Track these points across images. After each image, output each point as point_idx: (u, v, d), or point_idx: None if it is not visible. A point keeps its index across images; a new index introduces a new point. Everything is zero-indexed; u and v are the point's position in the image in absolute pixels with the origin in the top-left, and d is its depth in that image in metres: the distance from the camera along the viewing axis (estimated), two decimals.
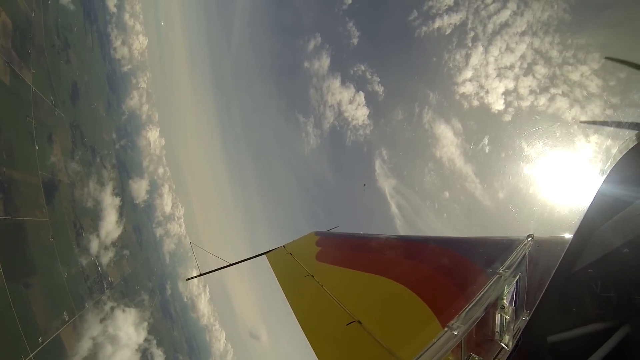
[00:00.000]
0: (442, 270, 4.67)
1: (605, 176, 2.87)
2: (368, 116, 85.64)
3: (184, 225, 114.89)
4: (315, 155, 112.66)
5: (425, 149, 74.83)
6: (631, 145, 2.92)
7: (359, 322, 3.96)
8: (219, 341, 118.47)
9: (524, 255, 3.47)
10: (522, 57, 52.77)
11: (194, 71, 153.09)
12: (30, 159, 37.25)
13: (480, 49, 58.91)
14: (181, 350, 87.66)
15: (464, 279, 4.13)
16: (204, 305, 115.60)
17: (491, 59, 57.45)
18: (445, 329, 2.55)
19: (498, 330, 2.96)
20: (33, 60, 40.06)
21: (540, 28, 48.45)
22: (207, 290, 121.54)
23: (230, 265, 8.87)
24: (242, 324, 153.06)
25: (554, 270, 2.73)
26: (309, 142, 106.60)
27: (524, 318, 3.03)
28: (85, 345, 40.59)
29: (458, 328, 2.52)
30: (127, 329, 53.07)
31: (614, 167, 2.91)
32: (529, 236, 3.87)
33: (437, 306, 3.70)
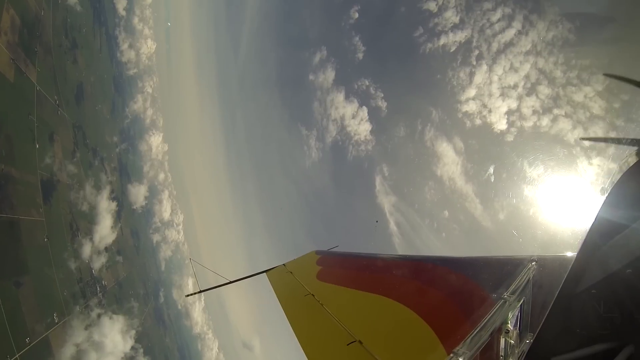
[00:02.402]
0: (445, 292, 4.60)
1: (606, 195, 2.80)
2: (370, 132, 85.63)
3: (182, 232, 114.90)
4: (316, 168, 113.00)
5: (427, 167, 74.91)
6: (631, 164, 2.87)
7: (360, 342, 3.91)
8: (211, 350, 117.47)
9: (528, 279, 3.49)
10: (526, 76, 53.01)
11: (201, 79, 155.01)
12: (30, 157, 37.15)
13: (485, 67, 59.19)
14: (173, 359, 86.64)
15: (468, 302, 4.06)
16: (198, 314, 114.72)
17: (495, 78, 57.66)
18: (451, 355, 2.57)
19: (502, 354, 2.91)
20: (39, 58, 40.32)
21: (545, 48, 48.80)
22: (202, 299, 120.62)
23: (230, 282, 9.03)
24: (236, 334, 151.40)
25: (557, 292, 2.71)
26: (310, 156, 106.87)
27: (528, 341, 2.99)
28: (72, 350, 39.94)
29: (464, 354, 2.55)
30: (114, 336, 52.23)
31: (614, 185, 2.85)
32: (532, 260, 3.85)
33: (440, 329, 3.64)
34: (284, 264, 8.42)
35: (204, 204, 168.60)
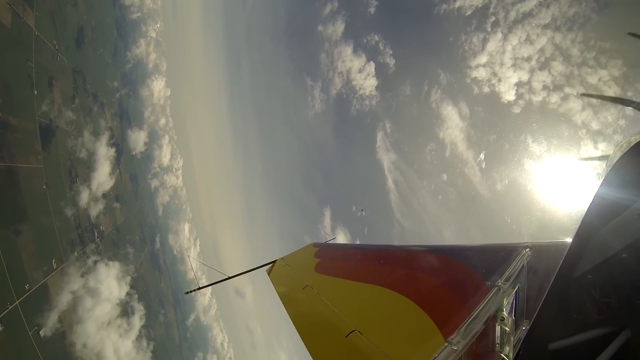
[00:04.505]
0: (441, 280, 4.67)
1: (602, 179, 2.81)
2: (376, 87, 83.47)
3: (181, 177, 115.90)
4: (319, 119, 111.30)
5: (429, 129, 73.39)
6: (627, 148, 2.87)
7: (360, 332, 3.98)
8: (204, 295, 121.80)
9: (522, 266, 3.54)
10: (541, 50, 51.13)
11: (207, 24, 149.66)
12: (28, 104, 36.70)
13: (499, 35, 56.85)
14: (167, 302, 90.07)
15: (463, 290, 4.13)
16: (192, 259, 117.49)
17: (509, 47, 55.63)
18: (446, 344, 2.66)
19: (498, 342, 2.98)
20: (38, 2, 38.64)
21: (565, 24, 46.81)
22: (198, 244, 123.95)
23: (229, 278, 8.94)
24: (229, 280, 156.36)
25: (553, 277, 2.72)
26: (314, 106, 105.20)
27: (525, 327, 3.03)
28: (69, 296, 41.39)
29: (458, 343, 2.62)
30: (110, 282, 53.87)
31: (610, 169, 2.87)
32: (526, 246, 3.89)
33: (438, 317, 3.71)
34: (282, 258, 8.42)
35: (205, 149, 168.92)
